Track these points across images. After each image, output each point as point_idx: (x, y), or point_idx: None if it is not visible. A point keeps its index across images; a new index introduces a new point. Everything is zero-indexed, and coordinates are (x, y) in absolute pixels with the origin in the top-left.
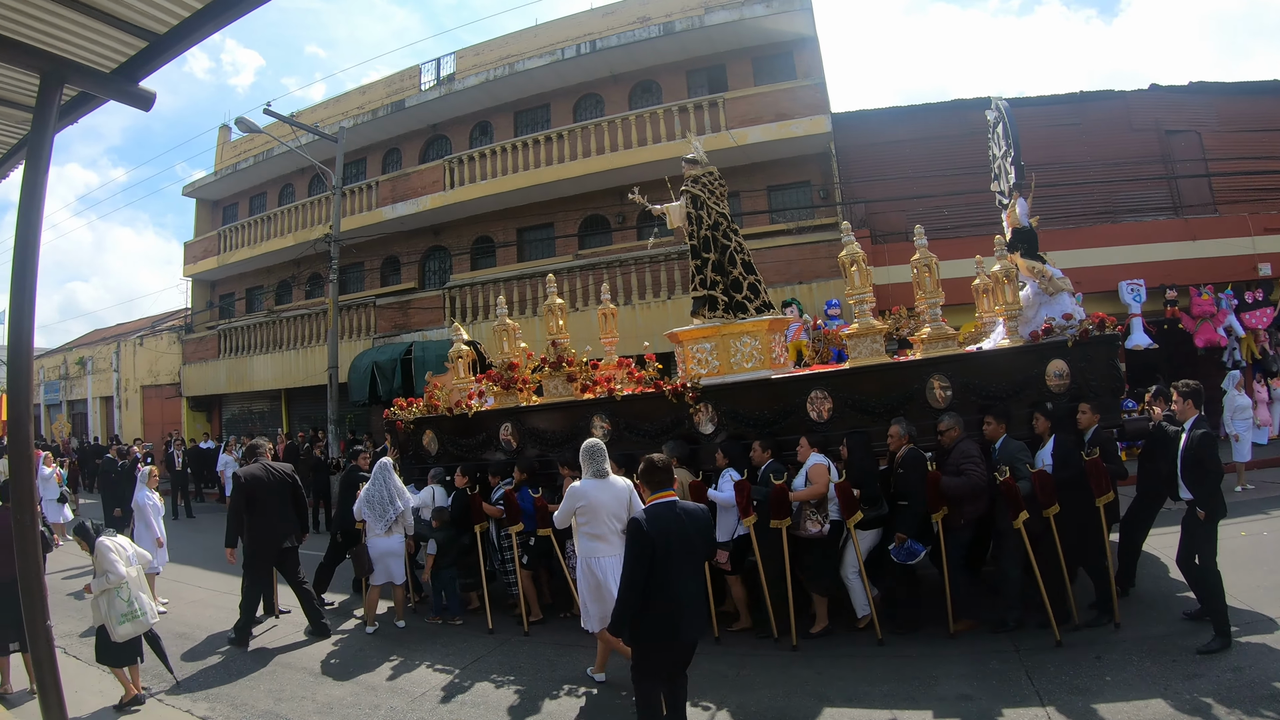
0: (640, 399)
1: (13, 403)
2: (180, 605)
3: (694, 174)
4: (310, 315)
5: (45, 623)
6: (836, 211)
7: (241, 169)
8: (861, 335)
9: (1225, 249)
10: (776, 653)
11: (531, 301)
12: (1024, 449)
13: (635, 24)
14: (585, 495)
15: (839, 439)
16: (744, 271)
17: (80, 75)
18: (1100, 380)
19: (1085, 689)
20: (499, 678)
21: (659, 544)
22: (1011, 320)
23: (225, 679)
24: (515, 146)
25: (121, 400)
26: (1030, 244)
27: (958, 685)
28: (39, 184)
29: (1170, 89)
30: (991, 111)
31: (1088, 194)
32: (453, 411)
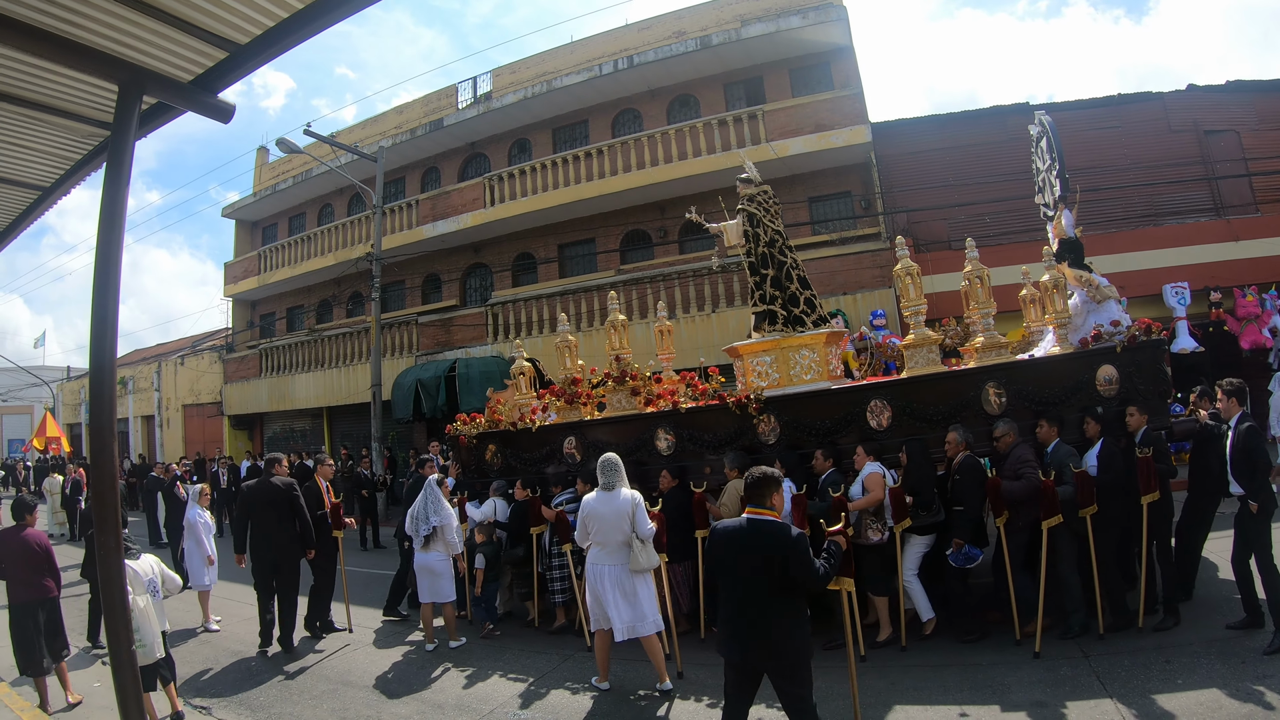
0: (704, 411)
1: (95, 419)
2: (233, 623)
3: (749, 193)
4: (351, 334)
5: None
6: (879, 221)
7: (281, 189)
8: (918, 345)
9: (1268, 249)
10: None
11: (575, 317)
12: (1073, 454)
13: (671, 38)
14: (587, 507)
15: (897, 446)
16: (800, 286)
17: (159, 85)
18: (1148, 384)
19: (1158, 691)
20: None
21: (716, 559)
22: (1061, 328)
23: (285, 698)
24: (554, 163)
25: (163, 419)
26: (1077, 254)
27: (1031, 692)
28: (120, 194)
29: (1208, 89)
30: (1034, 126)
31: (1128, 197)
32: (516, 426)
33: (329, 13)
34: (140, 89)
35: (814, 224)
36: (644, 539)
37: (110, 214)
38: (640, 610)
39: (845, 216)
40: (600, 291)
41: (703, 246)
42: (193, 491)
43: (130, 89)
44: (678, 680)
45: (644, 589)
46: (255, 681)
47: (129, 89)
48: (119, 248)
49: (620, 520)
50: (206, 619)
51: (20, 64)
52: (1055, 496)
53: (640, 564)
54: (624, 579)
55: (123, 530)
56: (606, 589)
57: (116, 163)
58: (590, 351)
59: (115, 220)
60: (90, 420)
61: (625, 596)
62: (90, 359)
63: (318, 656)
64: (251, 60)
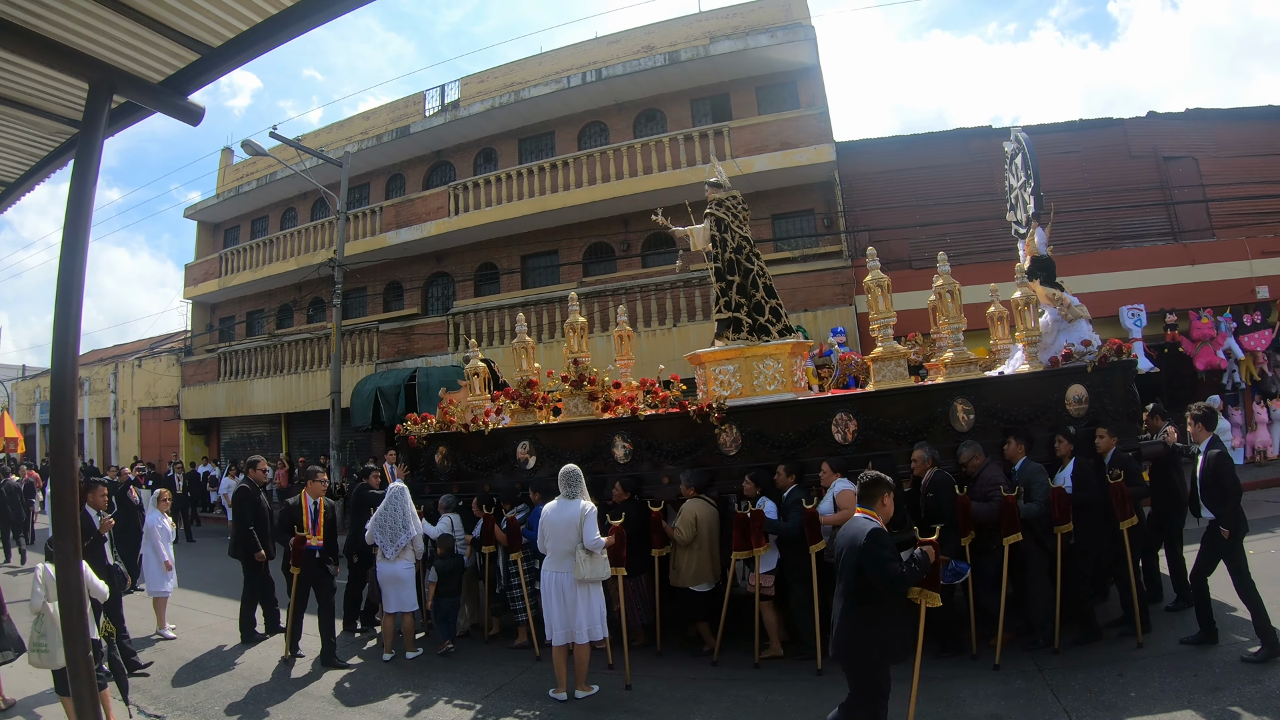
0: (663, 419)
1: (55, 422)
2: (188, 631)
3: (718, 198)
4: (311, 340)
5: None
6: (841, 240)
7: (244, 192)
8: (886, 359)
9: (1223, 273)
10: (806, 678)
11: (537, 328)
12: (1042, 470)
13: (640, 53)
14: (543, 515)
15: (862, 461)
16: (766, 295)
17: (129, 85)
18: (1117, 404)
19: (1111, 704)
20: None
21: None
22: (1031, 346)
23: (241, 707)
24: (520, 173)
25: (119, 422)
26: (1049, 272)
27: (987, 705)
28: (87, 193)
29: (1167, 116)
30: (1010, 143)
31: (1088, 221)
32: (468, 428)
33: (302, 19)
34: (111, 88)
35: (777, 241)
36: (590, 549)
37: (77, 212)
38: (576, 619)
39: (808, 234)
40: (562, 303)
41: (666, 260)
42: (149, 497)
43: (101, 87)
44: (624, 691)
45: (583, 600)
46: (210, 690)
47: (100, 87)
48: (84, 246)
49: (569, 529)
50: (161, 625)
51: None
52: (1016, 513)
53: (583, 574)
54: (566, 587)
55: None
56: (551, 596)
57: (84, 161)
58: (551, 362)
59: (81, 218)
60: (50, 423)
61: (565, 605)
62: (52, 359)
63: (274, 667)
64: (223, 63)
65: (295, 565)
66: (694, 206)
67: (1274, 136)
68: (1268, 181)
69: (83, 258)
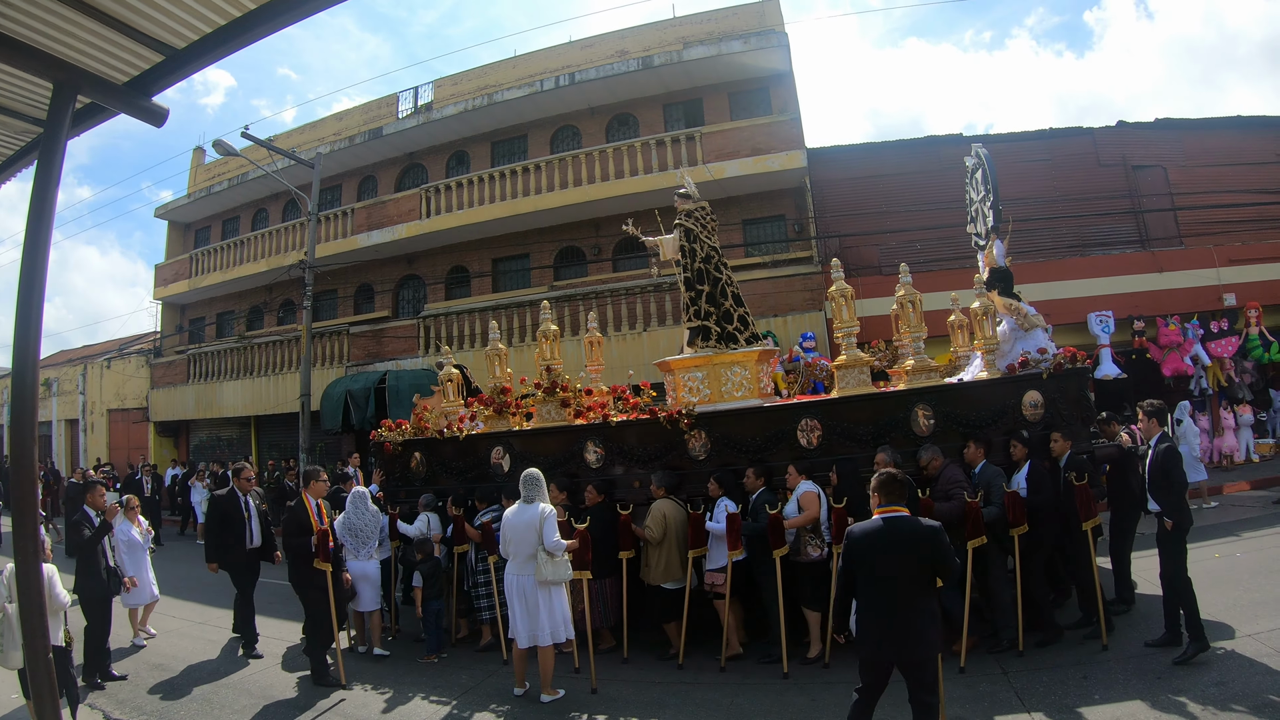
0: (634, 425)
1: (16, 421)
2: (158, 637)
3: (687, 208)
4: (282, 342)
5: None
6: (811, 245)
7: (215, 192)
8: (849, 366)
9: (1191, 280)
10: (772, 680)
11: (507, 332)
12: (1001, 474)
13: (614, 57)
14: (505, 520)
15: (827, 466)
16: (734, 304)
17: (93, 86)
18: (1072, 409)
19: (1074, 706)
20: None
21: (857, 560)
22: (989, 354)
23: (206, 712)
24: (492, 176)
25: (87, 424)
26: (1007, 283)
27: (950, 708)
28: (49, 193)
29: (1137, 125)
30: (971, 158)
31: (1057, 228)
32: (443, 434)
33: (267, 21)
34: (75, 89)
35: (747, 246)
36: (550, 551)
37: (39, 212)
38: (539, 621)
39: (778, 240)
40: (533, 307)
41: (637, 265)
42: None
43: (65, 88)
44: (590, 696)
45: (545, 602)
46: (176, 695)
47: (64, 88)
48: (46, 246)
49: (529, 532)
50: (136, 634)
51: None
52: (980, 517)
53: (545, 576)
54: (529, 590)
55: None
56: (514, 598)
57: (48, 161)
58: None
59: (44, 218)
60: (10, 422)
61: (527, 608)
62: (13, 358)
63: (240, 671)
64: (188, 65)
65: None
66: (664, 214)
67: (1241, 146)
68: (1235, 190)
69: (44, 257)
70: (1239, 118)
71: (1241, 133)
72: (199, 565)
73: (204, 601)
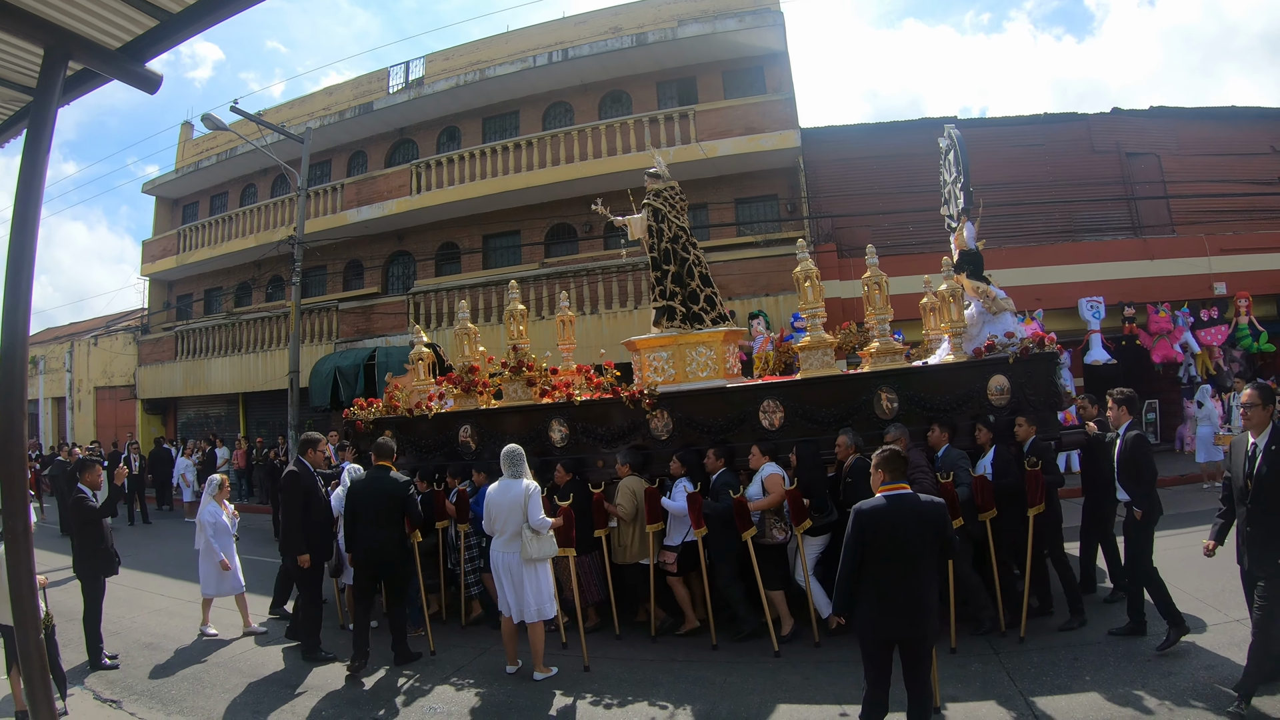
0: (598, 404)
1: (4, 398)
2: (144, 615)
3: (656, 188)
4: (270, 318)
5: (38, 635)
6: (804, 225)
7: (204, 167)
8: (813, 348)
9: (1182, 268)
10: (764, 659)
11: (497, 309)
12: (964, 457)
13: (608, 34)
14: (488, 497)
15: (789, 447)
16: (701, 284)
17: (85, 52)
18: (1039, 395)
19: (1065, 688)
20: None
21: (870, 534)
22: (956, 337)
23: (198, 691)
24: (483, 153)
25: (74, 401)
26: (976, 265)
27: (944, 688)
28: (39, 163)
29: (1131, 113)
30: (944, 139)
31: (1050, 213)
32: (413, 413)
33: None
34: (67, 54)
35: (740, 225)
36: (535, 528)
37: (28, 183)
38: (525, 599)
39: (771, 219)
40: (523, 284)
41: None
42: (210, 484)
43: (56, 53)
44: (582, 674)
45: (531, 579)
46: (166, 674)
47: (54, 53)
48: (36, 218)
49: (514, 510)
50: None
51: None
52: (956, 500)
53: (530, 553)
54: (514, 567)
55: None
56: (500, 574)
57: (37, 130)
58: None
59: (34, 189)
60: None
61: (513, 584)
62: (2, 335)
63: (230, 650)
64: (182, 30)
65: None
66: (636, 195)
67: (1235, 136)
68: (1228, 180)
69: (34, 229)
70: (1233, 108)
71: (1236, 123)
72: (185, 542)
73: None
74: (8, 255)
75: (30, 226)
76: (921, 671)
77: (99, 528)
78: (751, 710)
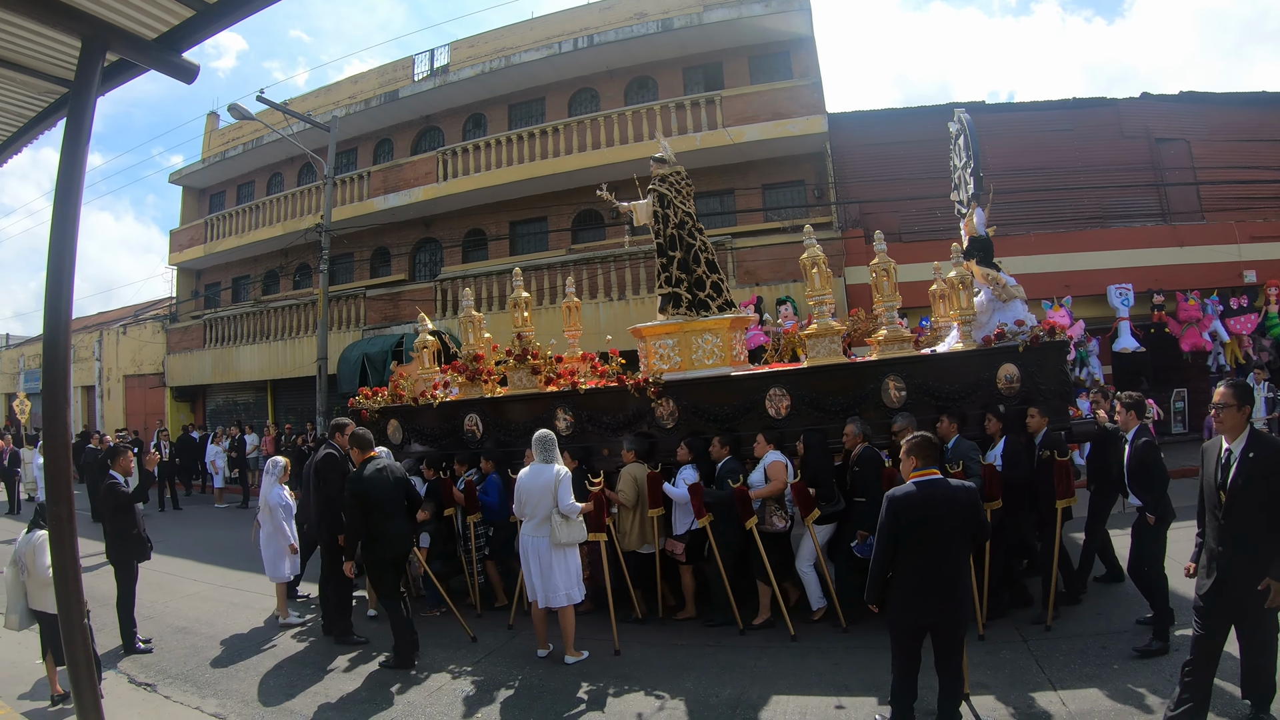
0: (602, 392)
1: (49, 387)
2: (177, 599)
3: (662, 173)
4: (298, 306)
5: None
6: (831, 211)
7: (230, 157)
8: (820, 335)
9: (1212, 255)
10: (791, 645)
11: None
12: (975, 448)
13: (633, 19)
14: (519, 481)
15: (795, 436)
16: (707, 270)
17: (122, 42)
18: (1050, 384)
19: (1095, 676)
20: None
21: (905, 521)
22: (965, 325)
23: (233, 675)
24: (509, 139)
25: (103, 390)
26: (986, 252)
27: (973, 674)
28: (79, 152)
29: (1161, 98)
30: (953, 123)
31: (1079, 199)
32: (418, 401)
33: None
34: (104, 45)
35: (767, 211)
36: (565, 514)
37: (69, 172)
38: (553, 583)
39: (798, 205)
40: (551, 270)
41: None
42: (275, 467)
43: (94, 44)
44: (613, 657)
45: (560, 563)
46: (200, 661)
47: (92, 44)
48: (77, 206)
49: (545, 494)
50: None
51: None
52: None
53: (559, 538)
54: (542, 551)
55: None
56: (530, 560)
57: (77, 120)
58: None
59: (74, 177)
60: (44, 388)
61: (541, 569)
62: (45, 322)
63: (263, 633)
64: (219, 20)
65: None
66: (641, 181)
67: (1266, 122)
68: (1258, 167)
69: (75, 217)
70: (1264, 93)
71: (1267, 109)
72: (216, 527)
73: (224, 564)
74: (49, 242)
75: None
76: (954, 658)
77: (132, 513)
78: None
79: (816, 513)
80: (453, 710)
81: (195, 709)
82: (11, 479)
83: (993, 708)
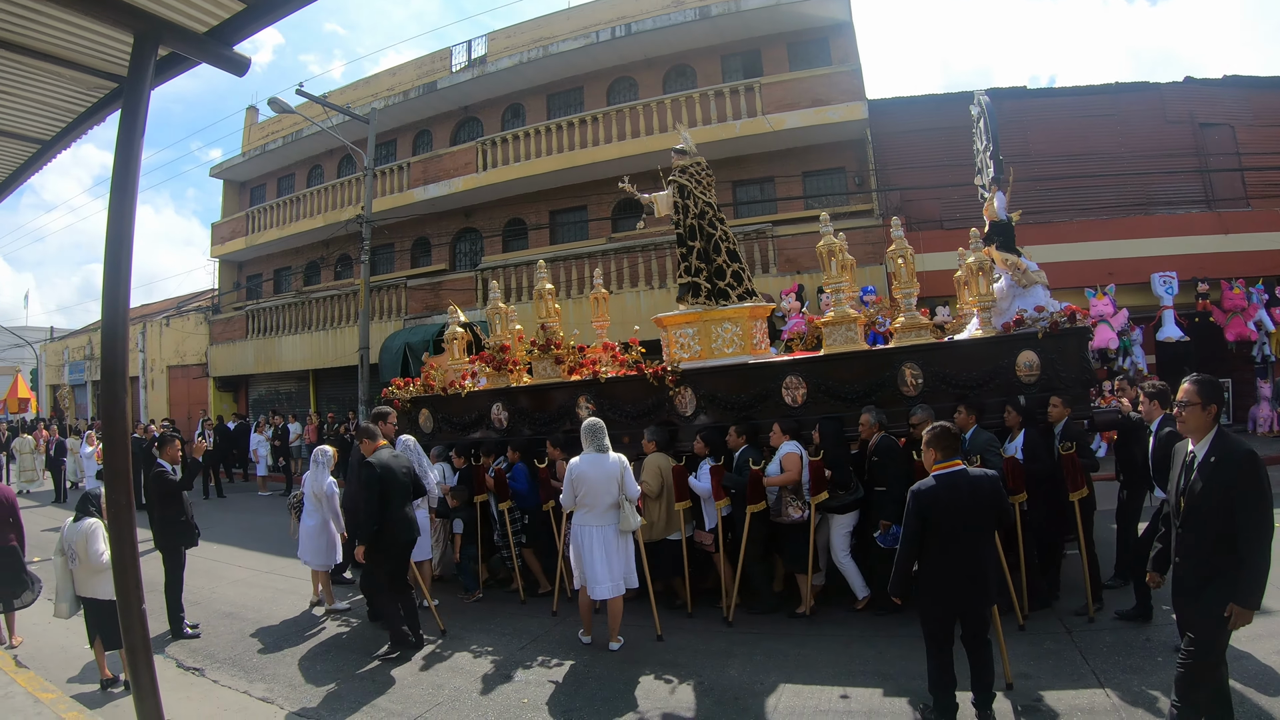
0: (623, 381)
1: (107, 376)
2: (223, 585)
3: (682, 164)
4: (339, 296)
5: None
6: (872, 198)
7: (270, 150)
8: (837, 323)
9: (1257, 243)
10: (838, 632)
11: (565, 284)
12: (994, 440)
13: (670, 7)
14: (576, 470)
15: (812, 424)
16: (728, 260)
17: (174, 36)
18: (1070, 372)
19: (1139, 668)
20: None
21: (932, 513)
22: (985, 311)
23: (280, 660)
24: (548, 129)
25: (147, 380)
26: (1006, 237)
27: (1016, 665)
28: (135, 145)
29: (1205, 82)
30: (975, 106)
31: (1122, 185)
32: (447, 391)
33: None
34: (157, 39)
35: (807, 198)
36: (633, 500)
37: (124, 165)
38: (629, 568)
39: (839, 192)
40: (590, 259)
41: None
42: (323, 456)
43: (146, 39)
44: (655, 643)
45: (624, 550)
46: (247, 645)
47: (145, 39)
48: (133, 200)
49: (610, 483)
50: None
51: (31, 12)
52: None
53: (630, 524)
54: (611, 540)
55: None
56: (595, 550)
57: (131, 114)
58: (577, 321)
59: (130, 170)
60: (102, 377)
61: (609, 558)
62: (103, 311)
63: (309, 619)
64: (270, 13)
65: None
66: (663, 172)
67: None
68: None
69: (132, 210)
70: None
71: None
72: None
73: (268, 551)
74: (106, 234)
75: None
76: (981, 638)
77: (179, 501)
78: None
79: (824, 495)
80: (500, 697)
81: (243, 693)
82: (58, 468)
83: (1036, 698)
